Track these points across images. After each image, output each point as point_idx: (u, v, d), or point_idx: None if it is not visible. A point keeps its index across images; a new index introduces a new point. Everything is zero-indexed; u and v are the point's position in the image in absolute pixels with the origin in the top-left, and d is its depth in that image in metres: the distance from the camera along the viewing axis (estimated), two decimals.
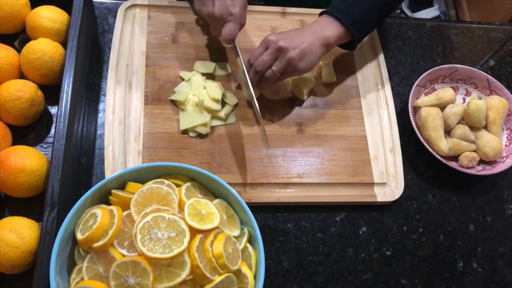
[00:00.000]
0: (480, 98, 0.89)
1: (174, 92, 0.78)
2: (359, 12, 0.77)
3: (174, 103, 0.78)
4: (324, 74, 0.85)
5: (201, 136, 0.76)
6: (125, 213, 0.58)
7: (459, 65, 0.88)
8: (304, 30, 0.75)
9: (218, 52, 0.84)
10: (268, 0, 0.93)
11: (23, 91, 0.67)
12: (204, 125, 0.76)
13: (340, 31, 0.76)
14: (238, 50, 0.75)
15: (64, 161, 0.62)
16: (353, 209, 0.77)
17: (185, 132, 0.76)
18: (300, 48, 0.71)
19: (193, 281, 0.56)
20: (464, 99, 0.90)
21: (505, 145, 0.84)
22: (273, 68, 0.72)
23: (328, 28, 0.75)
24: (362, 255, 0.75)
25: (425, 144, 0.79)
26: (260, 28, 0.88)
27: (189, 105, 0.77)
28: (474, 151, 0.82)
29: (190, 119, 0.76)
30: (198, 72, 0.81)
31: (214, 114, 0.77)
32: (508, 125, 0.86)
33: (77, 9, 0.72)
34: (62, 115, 0.64)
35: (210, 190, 0.65)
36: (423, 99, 0.84)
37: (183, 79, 0.80)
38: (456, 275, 0.76)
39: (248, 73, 0.74)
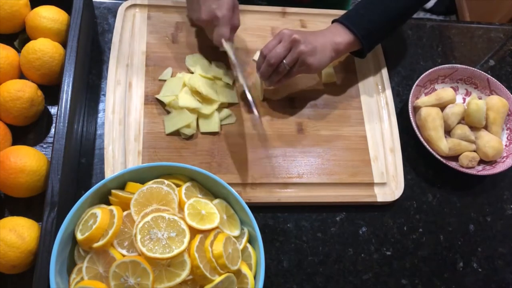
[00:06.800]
0: (480, 98, 0.89)
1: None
2: (369, 22, 0.78)
3: None
4: (324, 74, 0.85)
5: (201, 136, 0.76)
6: (125, 213, 0.58)
7: (459, 65, 0.88)
8: (317, 33, 0.77)
9: (218, 52, 0.84)
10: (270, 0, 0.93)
11: (23, 91, 0.67)
12: (188, 126, 0.75)
13: (350, 39, 0.77)
14: (232, 52, 0.74)
15: (64, 161, 0.62)
16: (353, 209, 0.77)
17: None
18: (313, 44, 0.73)
19: (193, 281, 0.56)
20: (464, 99, 0.90)
21: (505, 145, 0.84)
22: (284, 61, 0.72)
23: (339, 35, 0.77)
24: (362, 255, 0.75)
25: (425, 144, 0.79)
26: (260, 28, 0.88)
27: (171, 107, 0.76)
28: (474, 151, 0.82)
29: (174, 122, 0.75)
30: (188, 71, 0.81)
31: (200, 113, 0.76)
32: (508, 125, 0.86)
33: (77, 9, 0.72)
34: (62, 115, 0.64)
35: (210, 190, 0.65)
36: (423, 99, 0.84)
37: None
38: (456, 275, 0.76)
39: (259, 66, 0.74)
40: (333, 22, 0.80)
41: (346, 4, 1.09)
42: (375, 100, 0.85)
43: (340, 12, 0.92)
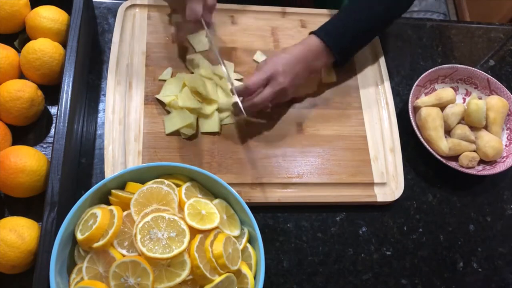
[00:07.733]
0: (480, 98, 0.89)
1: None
2: (349, 38, 0.78)
3: None
4: (324, 74, 0.85)
5: (201, 136, 0.76)
6: (125, 213, 0.58)
7: (459, 65, 0.88)
8: (298, 56, 0.75)
9: (218, 52, 0.84)
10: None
11: (23, 91, 0.67)
12: (188, 126, 0.75)
13: (328, 59, 0.79)
14: (206, 29, 0.73)
15: (64, 161, 0.62)
16: (353, 209, 0.77)
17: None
18: (294, 83, 0.74)
19: (193, 281, 0.56)
20: (464, 99, 0.90)
21: (505, 145, 0.84)
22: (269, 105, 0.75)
23: (319, 58, 0.77)
24: (362, 255, 0.75)
25: (425, 144, 0.79)
26: (260, 28, 0.88)
27: (171, 107, 0.76)
28: (474, 151, 0.82)
29: (174, 122, 0.75)
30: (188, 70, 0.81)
31: (200, 113, 0.76)
32: (508, 125, 0.86)
33: (77, 9, 0.72)
34: (62, 115, 0.64)
35: (210, 190, 0.65)
36: (423, 99, 0.84)
37: None
38: (456, 275, 0.76)
39: (240, 94, 0.72)
40: (310, 33, 0.78)
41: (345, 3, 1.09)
42: (375, 100, 0.85)
43: None
